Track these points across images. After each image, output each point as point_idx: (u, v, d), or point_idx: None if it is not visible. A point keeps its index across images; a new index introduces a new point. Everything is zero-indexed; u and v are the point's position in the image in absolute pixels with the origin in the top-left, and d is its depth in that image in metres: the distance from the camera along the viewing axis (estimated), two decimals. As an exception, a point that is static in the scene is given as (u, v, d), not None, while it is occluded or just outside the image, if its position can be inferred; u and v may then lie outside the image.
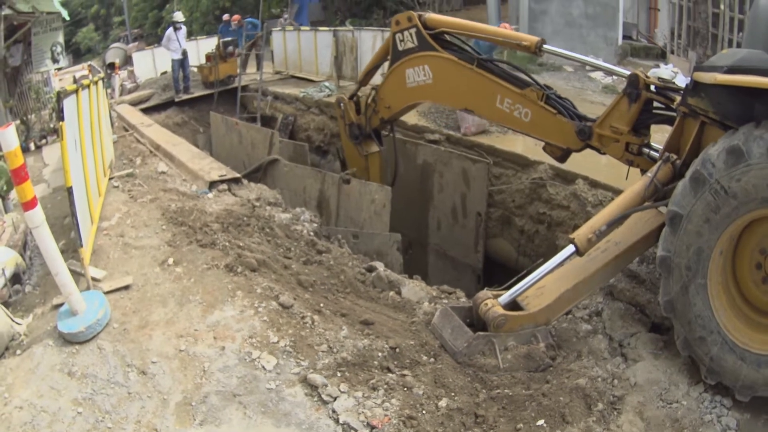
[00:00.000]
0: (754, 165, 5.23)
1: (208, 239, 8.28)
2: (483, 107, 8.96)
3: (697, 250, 5.68)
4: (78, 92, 8.28)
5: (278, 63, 26.58)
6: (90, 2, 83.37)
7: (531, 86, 8.26)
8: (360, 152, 11.61)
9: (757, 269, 5.85)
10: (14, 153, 5.63)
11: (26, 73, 18.53)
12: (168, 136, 15.93)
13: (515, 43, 8.41)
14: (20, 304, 6.94)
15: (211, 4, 46.28)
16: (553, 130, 8.25)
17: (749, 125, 5.39)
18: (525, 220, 12.98)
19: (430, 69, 9.24)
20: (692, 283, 5.73)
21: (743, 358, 5.58)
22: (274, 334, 6.21)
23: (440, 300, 8.21)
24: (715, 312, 5.73)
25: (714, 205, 5.51)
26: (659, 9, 29.09)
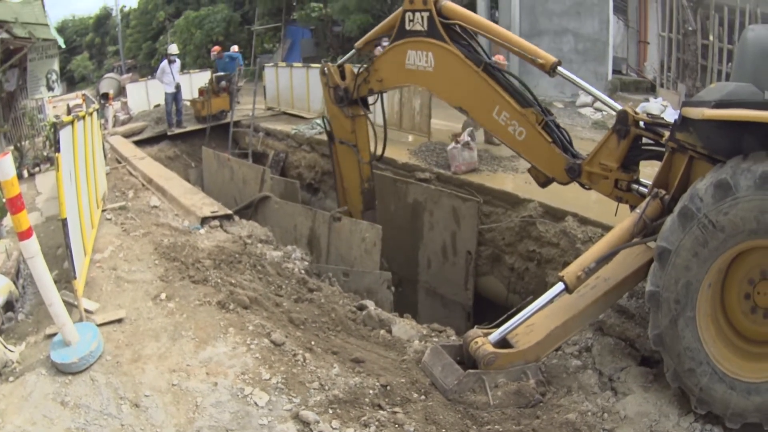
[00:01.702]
0: (741, 198, 5.31)
1: (200, 275, 8.29)
2: (478, 112, 8.81)
3: (685, 284, 5.74)
4: (74, 123, 8.32)
5: (270, 99, 26.84)
6: (85, 30, 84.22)
7: (533, 108, 8.16)
8: (345, 114, 11.11)
9: (746, 299, 5.94)
10: (11, 182, 5.64)
11: (21, 99, 18.54)
12: (160, 170, 16.01)
13: (530, 57, 8.10)
14: (13, 332, 6.91)
15: (205, 38, 46.72)
16: (543, 157, 8.24)
17: (737, 158, 5.49)
18: (515, 257, 13.04)
19: (433, 57, 8.91)
20: (681, 317, 5.79)
21: (733, 387, 5.67)
22: (266, 371, 6.21)
23: (431, 338, 8.23)
24: (704, 343, 5.80)
25: (702, 239, 5.58)
26: (649, 42, 29.36)
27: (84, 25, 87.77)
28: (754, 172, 5.25)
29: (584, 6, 23.64)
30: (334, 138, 11.65)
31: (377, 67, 10.15)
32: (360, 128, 11.24)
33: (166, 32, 56.22)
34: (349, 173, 11.53)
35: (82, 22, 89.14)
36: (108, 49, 78.60)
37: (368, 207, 11.69)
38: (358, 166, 11.36)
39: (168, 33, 55.07)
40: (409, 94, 18.62)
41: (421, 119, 18.43)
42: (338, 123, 11.38)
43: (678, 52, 24.11)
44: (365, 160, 11.23)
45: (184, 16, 50.80)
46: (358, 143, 11.26)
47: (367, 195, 11.60)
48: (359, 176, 11.55)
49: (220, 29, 46.97)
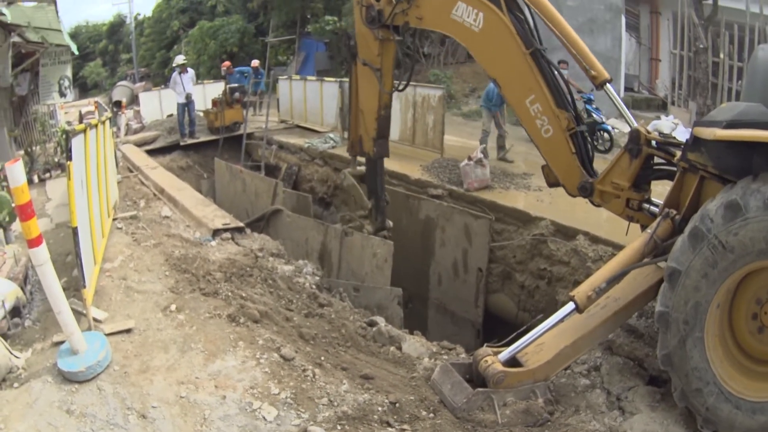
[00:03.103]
0: (751, 219, 5.35)
1: (210, 288, 8.29)
2: (512, 93, 8.31)
3: (694, 305, 5.75)
4: (86, 132, 8.32)
5: (284, 112, 26.95)
6: (98, 37, 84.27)
7: (568, 112, 7.88)
8: (375, 35, 10.27)
9: (753, 319, 5.97)
10: (21, 189, 5.62)
11: (32, 104, 18.66)
12: (172, 180, 16.10)
13: (585, 65, 7.83)
14: (19, 338, 6.92)
15: (219, 48, 46.66)
16: (562, 163, 8.10)
17: (747, 179, 5.52)
18: (525, 275, 13.06)
19: (483, 19, 8.14)
20: (690, 337, 5.81)
21: (738, 407, 5.72)
22: (276, 385, 6.19)
23: (440, 356, 8.24)
24: (711, 363, 5.82)
25: (712, 260, 5.61)
26: (660, 59, 29.35)
27: (97, 32, 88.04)
28: (764, 192, 5.29)
29: (597, 23, 23.72)
30: (357, 57, 10.90)
31: (420, 3, 9.30)
32: (387, 54, 10.49)
33: (180, 42, 56.42)
34: (368, 97, 10.92)
35: (95, 29, 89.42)
36: (121, 57, 78.86)
37: (381, 135, 11.10)
38: (378, 91, 10.67)
39: (182, 43, 55.28)
40: (422, 110, 18.80)
41: (434, 135, 18.51)
42: (365, 44, 10.63)
43: (689, 69, 24.21)
44: (386, 89, 10.60)
45: (199, 26, 50.85)
46: (383, 69, 10.51)
47: (382, 122, 11.01)
48: (377, 102, 10.81)
49: (234, 40, 47.05)
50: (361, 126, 11.17)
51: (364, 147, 11.21)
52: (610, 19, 23.98)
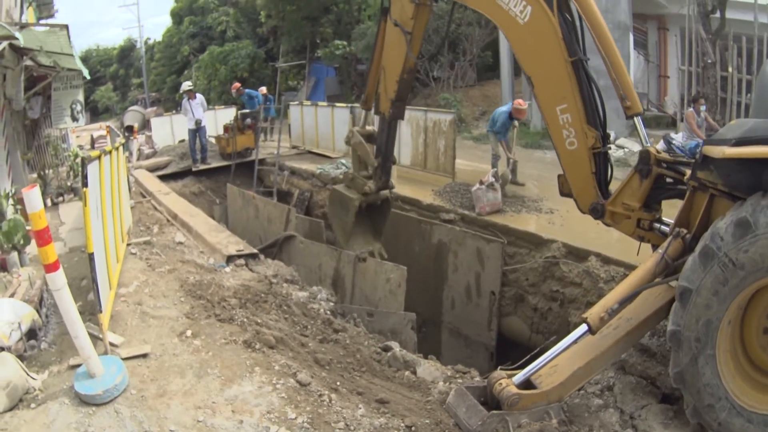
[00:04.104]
0: (761, 235, 5.39)
1: (226, 314, 8.34)
2: (544, 95, 8.02)
3: (706, 323, 5.80)
4: (101, 158, 8.41)
5: (295, 138, 27.03)
6: (109, 61, 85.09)
7: (598, 131, 7.72)
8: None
9: (765, 334, 6.02)
10: (38, 215, 5.71)
11: (45, 127, 18.84)
12: (185, 206, 16.22)
13: (621, 93, 7.63)
14: (35, 360, 6.98)
15: (229, 74, 47.06)
16: (579, 180, 8.03)
17: (756, 196, 5.55)
18: (538, 298, 13.08)
19: (530, 14, 7.81)
20: (702, 355, 5.86)
21: (750, 420, 5.79)
22: (292, 410, 6.21)
23: (455, 379, 8.26)
24: (723, 379, 5.88)
25: (722, 277, 5.66)
26: (669, 76, 29.39)
27: (108, 56, 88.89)
28: None
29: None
30: (388, 14, 10.49)
31: None
32: (420, 18, 10.12)
33: (191, 67, 56.87)
34: (392, 57, 10.57)
35: (106, 53, 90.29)
36: (132, 81, 79.55)
37: (399, 98, 10.77)
38: (405, 54, 10.30)
39: (192, 68, 55.67)
40: (434, 135, 18.86)
41: (446, 160, 18.56)
42: (399, 4, 10.23)
43: (698, 85, 24.19)
44: (413, 54, 10.25)
45: (209, 52, 51.33)
46: (414, 33, 10.15)
47: (403, 85, 10.68)
48: (402, 65, 10.45)
49: (245, 65, 47.45)
50: (381, 84, 10.98)
51: (380, 106, 11.05)
52: (618, 37, 23.99)
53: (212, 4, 59.66)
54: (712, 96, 22.30)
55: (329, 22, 41.24)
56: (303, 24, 41.53)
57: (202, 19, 59.43)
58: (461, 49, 33.79)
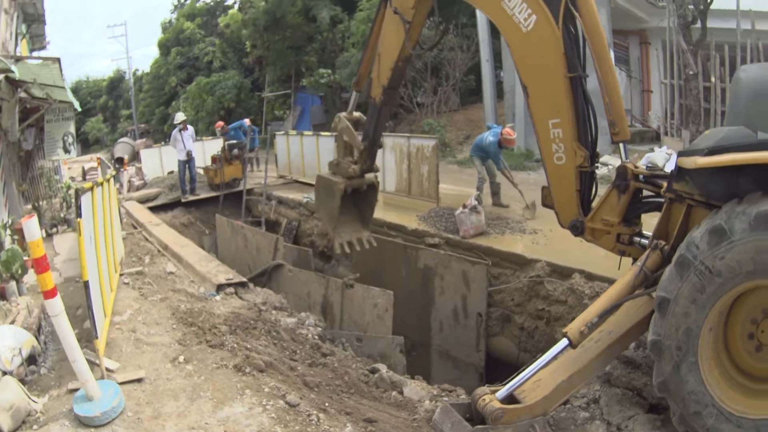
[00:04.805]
0: (736, 241, 5.47)
1: (217, 340, 8.52)
2: (537, 107, 7.84)
3: (686, 331, 5.85)
4: (93, 190, 8.61)
5: (282, 167, 27.16)
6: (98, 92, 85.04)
7: (587, 151, 7.55)
8: None
9: (750, 339, 6.05)
10: (36, 243, 5.95)
11: (38, 159, 18.91)
12: (176, 237, 16.42)
13: (611, 118, 7.52)
14: (35, 385, 7.14)
15: (216, 104, 47.16)
16: (563, 195, 7.90)
17: (732, 203, 5.64)
18: (524, 317, 13.18)
19: (535, 23, 7.56)
20: (684, 362, 5.90)
21: (740, 425, 5.78)
22: (282, 429, 6.37)
23: (441, 398, 8.39)
24: (708, 386, 5.90)
25: (700, 285, 5.70)
26: (652, 91, 29.54)
27: (98, 87, 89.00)
28: (749, 214, 5.41)
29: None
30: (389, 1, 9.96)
31: None
32: (421, 9, 9.63)
33: (178, 98, 56.95)
34: (389, 44, 10.20)
35: (95, 84, 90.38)
36: (121, 113, 79.65)
37: (392, 86, 10.46)
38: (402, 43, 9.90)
39: (180, 99, 55.79)
40: (417, 160, 18.99)
41: (430, 185, 18.64)
42: None
43: (680, 97, 24.26)
44: (411, 44, 9.86)
45: (196, 82, 51.36)
46: (413, 23, 9.67)
47: (397, 73, 10.33)
48: (398, 53, 10.10)
49: (231, 95, 47.52)
50: (374, 69, 10.70)
51: (372, 91, 10.78)
52: (599, 54, 24.22)
53: (198, 35, 59.76)
54: (695, 107, 22.38)
55: (314, 50, 41.47)
56: (288, 53, 41.80)
57: (189, 49, 59.48)
58: (444, 74, 33.98)
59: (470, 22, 31.17)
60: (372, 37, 10.66)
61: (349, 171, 10.84)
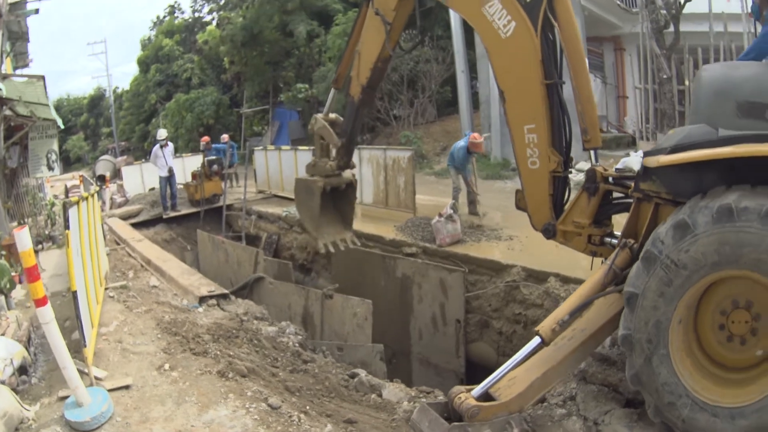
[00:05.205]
0: (700, 234, 5.55)
1: (200, 348, 8.73)
2: (514, 112, 7.91)
3: (655, 324, 5.92)
4: (79, 204, 8.84)
5: (261, 182, 27.25)
6: (80, 110, 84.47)
7: (560, 157, 7.68)
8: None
9: (721, 330, 6.09)
10: (28, 253, 6.17)
11: (23, 177, 18.85)
12: (158, 252, 16.55)
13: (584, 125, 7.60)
14: (27, 394, 7.32)
15: (195, 121, 47.18)
16: (536, 197, 8.00)
17: (695, 198, 5.78)
18: (502, 322, 13.34)
19: (513, 30, 7.62)
20: (655, 354, 5.97)
21: (716, 414, 5.81)
22: (265, 430, 6.59)
23: (419, 399, 8.58)
24: (680, 377, 5.96)
25: (666, 279, 5.78)
26: (627, 96, 29.75)
27: (78, 105, 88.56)
28: (711, 207, 5.53)
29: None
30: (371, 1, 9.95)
31: None
32: (402, 11, 9.64)
33: (158, 115, 56.87)
34: (370, 44, 10.20)
35: (76, 102, 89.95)
36: (102, 131, 79.23)
37: (371, 86, 10.49)
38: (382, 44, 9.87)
39: (159, 116, 55.75)
40: (393, 172, 19.21)
41: (406, 196, 18.81)
42: None
43: (655, 102, 24.44)
44: (391, 46, 9.85)
45: (175, 99, 51.33)
46: (394, 24, 9.68)
47: (376, 73, 10.40)
48: (378, 53, 10.05)
49: (210, 112, 47.54)
50: (354, 68, 10.69)
51: (351, 90, 10.78)
52: (572, 61, 24.40)
53: (177, 52, 59.69)
54: (670, 111, 22.59)
55: (291, 65, 41.64)
56: (265, 69, 41.97)
57: (168, 66, 59.35)
58: (420, 86, 34.14)
59: (446, 33, 31.30)
60: (353, 36, 10.72)
61: (326, 168, 10.97)
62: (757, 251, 5.42)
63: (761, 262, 5.45)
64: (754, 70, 6.36)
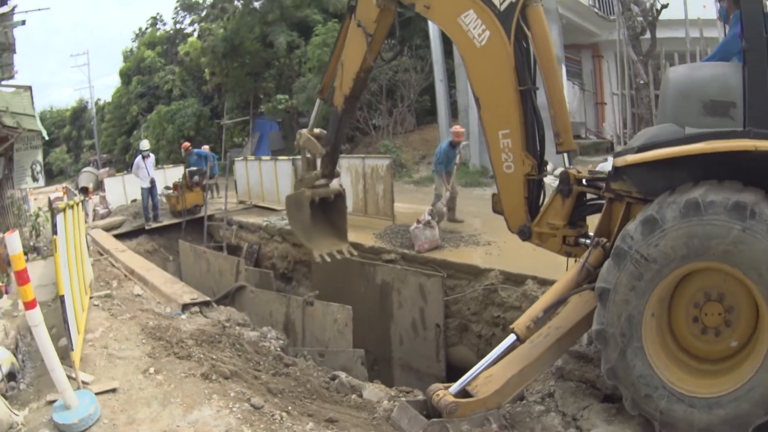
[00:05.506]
0: (668, 229, 5.79)
1: (184, 352, 8.88)
2: (488, 118, 8.08)
3: (628, 317, 6.10)
4: (66, 211, 8.97)
5: (241, 193, 27.38)
6: (62, 122, 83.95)
7: (534, 161, 7.83)
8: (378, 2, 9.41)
9: (695, 322, 6.27)
10: (18, 257, 6.33)
11: (7, 188, 18.64)
12: (141, 262, 16.60)
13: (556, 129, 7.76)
14: (15, 399, 7.42)
15: (176, 132, 47.29)
16: (511, 200, 8.13)
17: (664, 194, 5.99)
18: (481, 325, 13.51)
19: (488, 39, 7.81)
20: (629, 348, 6.15)
21: (693, 405, 5.94)
22: (248, 428, 6.74)
23: (398, 398, 8.68)
24: (655, 369, 6.12)
25: (637, 273, 6.00)
26: (606, 103, 29.98)
27: (61, 117, 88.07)
28: (679, 202, 5.75)
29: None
30: (354, 12, 10.14)
31: None
32: (383, 23, 9.77)
33: (139, 127, 56.84)
34: (352, 54, 10.34)
35: (59, 114, 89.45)
36: (84, 143, 78.82)
37: (353, 95, 10.69)
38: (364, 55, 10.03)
39: (141, 128, 55.73)
40: (372, 180, 19.42)
41: (385, 203, 19.03)
42: (365, 4, 9.83)
43: (633, 107, 24.66)
44: (371, 57, 10.03)
45: (156, 111, 51.48)
46: (375, 36, 9.81)
47: (358, 83, 10.54)
48: (360, 64, 10.19)
49: (191, 123, 47.72)
50: (337, 78, 10.86)
51: (334, 100, 10.96)
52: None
53: (159, 63, 59.76)
54: (647, 116, 22.73)
55: (271, 76, 41.82)
56: (246, 80, 42.14)
57: (150, 78, 59.39)
58: (399, 96, 34.34)
59: (424, 43, 31.61)
60: (337, 47, 10.89)
61: (312, 178, 11.15)
62: (725, 243, 5.62)
63: (729, 253, 5.65)
64: (718, 70, 6.64)
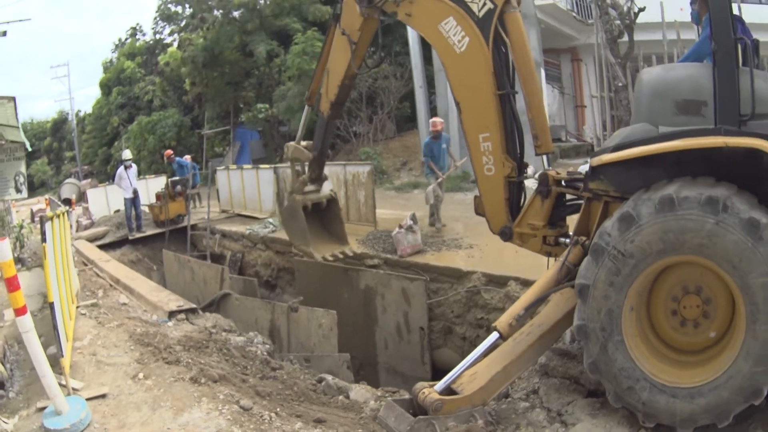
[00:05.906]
0: (644, 225, 5.97)
1: (172, 357, 8.96)
2: (469, 121, 8.33)
3: (607, 312, 6.27)
4: (53, 219, 9.06)
5: (224, 202, 27.34)
6: (43, 134, 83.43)
7: (514, 162, 8.07)
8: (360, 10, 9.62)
9: (674, 315, 6.45)
10: (8, 264, 6.42)
11: None
12: (126, 271, 16.66)
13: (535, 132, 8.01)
14: (5, 408, 7.45)
15: (158, 143, 47.16)
16: (493, 204, 8.33)
17: (639, 192, 6.18)
18: (465, 327, 13.58)
19: (467, 45, 8.04)
20: (609, 342, 6.30)
21: (675, 395, 6.10)
22: (238, 429, 6.85)
23: (385, 398, 8.81)
24: (637, 362, 6.28)
25: (615, 269, 6.17)
26: (585, 106, 30.16)
27: (42, 129, 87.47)
28: (654, 199, 5.93)
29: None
30: (339, 21, 10.32)
31: None
32: (366, 31, 10.03)
33: (121, 138, 56.64)
34: (337, 62, 10.59)
35: (39, 126, 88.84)
36: (65, 155, 78.36)
37: (339, 101, 10.93)
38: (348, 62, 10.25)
39: (122, 139, 55.57)
40: (353, 187, 19.56)
41: (367, 209, 19.18)
42: (349, 13, 10.03)
43: (612, 109, 24.89)
44: (355, 65, 10.29)
45: (137, 122, 51.30)
46: (358, 44, 10.06)
47: (343, 89, 10.79)
48: (344, 71, 10.44)
49: (172, 134, 47.59)
50: (324, 85, 11.07)
51: (321, 106, 11.21)
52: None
53: (139, 74, 59.48)
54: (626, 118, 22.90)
55: (251, 85, 41.85)
56: (226, 89, 42.08)
57: (130, 89, 59.07)
58: (379, 102, 34.40)
59: (404, 50, 31.70)
60: (323, 55, 11.09)
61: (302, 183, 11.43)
62: (699, 236, 5.81)
63: (703, 246, 5.83)
64: (689, 70, 6.86)
